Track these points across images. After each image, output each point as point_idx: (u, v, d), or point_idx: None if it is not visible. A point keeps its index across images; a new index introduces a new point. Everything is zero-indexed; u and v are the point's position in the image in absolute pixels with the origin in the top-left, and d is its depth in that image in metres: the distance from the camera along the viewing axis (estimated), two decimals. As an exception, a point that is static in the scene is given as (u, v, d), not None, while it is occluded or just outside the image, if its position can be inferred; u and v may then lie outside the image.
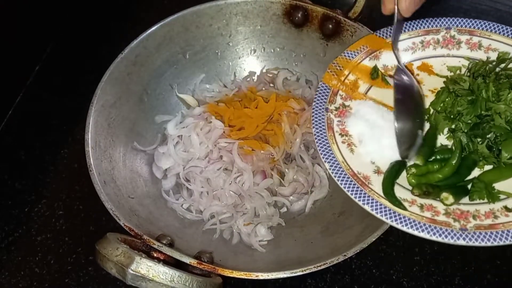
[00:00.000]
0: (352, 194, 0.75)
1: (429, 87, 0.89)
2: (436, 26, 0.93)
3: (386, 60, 0.92)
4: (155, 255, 0.78)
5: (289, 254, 0.93)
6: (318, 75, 1.12)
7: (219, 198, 1.00)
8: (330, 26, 1.03)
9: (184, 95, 1.12)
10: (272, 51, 1.15)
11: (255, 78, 1.16)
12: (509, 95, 0.79)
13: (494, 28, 0.90)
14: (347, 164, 0.79)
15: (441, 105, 0.85)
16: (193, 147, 1.03)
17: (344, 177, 0.77)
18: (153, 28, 1.03)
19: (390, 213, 0.73)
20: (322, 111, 0.85)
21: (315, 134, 0.82)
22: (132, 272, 0.69)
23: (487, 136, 0.79)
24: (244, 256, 0.94)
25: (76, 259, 1.00)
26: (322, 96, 0.87)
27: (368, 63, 0.91)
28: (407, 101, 0.83)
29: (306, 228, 0.98)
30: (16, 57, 1.20)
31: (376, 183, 0.77)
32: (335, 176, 0.77)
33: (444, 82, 0.88)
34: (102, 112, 0.96)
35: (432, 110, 0.86)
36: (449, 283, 0.95)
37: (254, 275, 0.78)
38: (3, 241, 1.02)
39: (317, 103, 0.86)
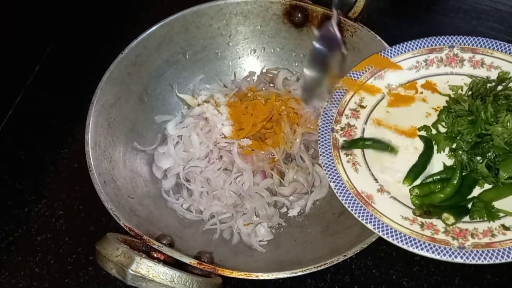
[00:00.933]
0: (355, 213, 0.78)
1: (432, 105, 0.91)
2: (440, 44, 0.94)
3: (390, 79, 0.93)
4: (155, 255, 0.78)
5: (289, 254, 0.93)
6: (319, 75, 1.12)
7: (219, 198, 1.00)
8: (330, 26, 1.03)
9: (184, 95, 1.12)
10: (272, 51, 1.15)
11: (255, 78, 1.16)
12: (506, 117, 0.80)
13: (496, 46, 0.91)
14: (351, 183, 0.81)
15: (442, 124, 0.87)
16: (193, 147, 1.03)
17: (348, 197, 0.80)
18: (153, 28, 1.03)
19: (391, 232, 0.75)
20: (328, 132, 0.87)
21: (321, 154, 0.85)
22: (132, 272, 0.69)
23: (487, 155, 0.81)
24: (244, 256, 0.94)
25: (76, 259, 1.00)
26: (328, 116, 0.89)
27: (373, 82, 0.93)
28: (324, 54, 0.86)
29: (306, 228, 0.98)
30: (16, 57, 1.20)
31: (379, 202, 0.80)
32: (339, 196, 0.80)
33: (446, 101, 0.90)
34: (102, 112, 0.96)
35: (433, 130, 0.88)
36: (449, 283, 0.95)
37: (254, 275, 0.78)
38: (3, 241, 1.02)
39: (323, 123, 0.89)
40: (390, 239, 0.75)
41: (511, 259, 0.70)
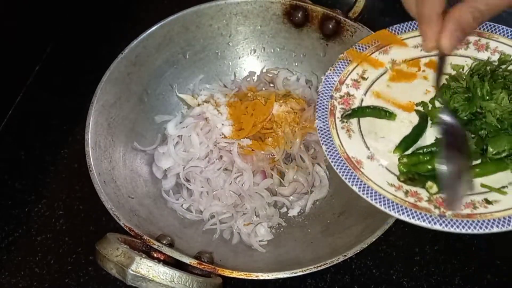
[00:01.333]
0: (343, 175, 0.78)
1: (433, 83, 0.90)
2: None
3: (395, 55, 0.93)
4: (155, 255, 0.78)
5: (289, 254, 0.93)
6: (318, 75, 1.12)
7: (219, 198, 1.00)
8: (330, 26, 1.03)
9: (184, 95, 1.12)
10: (272, 51, 1.15)
11: (255, 78, 1.16)
12: (501, 94, 0.80)
13: (503, 31, 0.90)
14: (343, 148, 0.82)
15: (439, 100, 0.86)
16: (193, 147, 1.03)
17: (337, 160, 0.80)
18: (153, 28, 1.03)
19: (375, 195, 0.75)
20: (327, 98, 0.88)
21: (317, 118, 0.85)
22: (132, 272, 0.69)
23: (480, 133, 0.81)
24: (244, 256, 0.94)
25: (76, 259, 1.00)
26: (329, 83, 0.90)
27: (377, 56, 0.93)
28: (454, 144, 0.78)
29: (306, 228, 0.98)
30: (16, 57, 1.20)
31: (367, 168, 0.80)
32: (329, 158, 0.80)
33: (446, 79, 0.89)
34: (102, 112, 0.96)
35: (429, 105, 0.88)
36: (449, 283, 0.95)
37: (254, 275, 0.78)
38: (3, 241, 1.02)
39: (323, 90, 0.89)
40: (373, 202, 0.75)
41: (488, 230, 0.71)
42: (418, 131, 0.85)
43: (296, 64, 1.14)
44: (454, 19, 0.72)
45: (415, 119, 0.87)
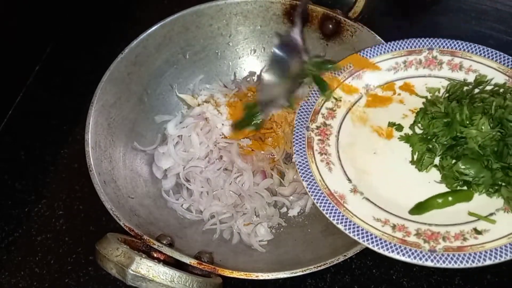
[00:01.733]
0: (327, 213, 0.77)
1: (410, 107, 0.91)
2: (419, 46, 0.94)
3: (369, 79, 0.93)
4: (155, 255, 0.78)
5: (289, 254, 0.93)
6: (318, 75, 1.12)
7: (219, 198, 1.00)
8: (330, 26, 1.03)
9: (184, 95, 1.12)
10: (272, 51, 1.14)
11: (255, 78, 1.16)
12: (481, 120, 0.80)
13: (475, 50, 0.91)
14: (324, 183, 0.81)
15: (418, 126, 0.87)
16: (193, 147, 1.03)
17: (320, 196, 0.79)
18: (153, 28, 1.03)
19: (363, 233, 0.75)
20: (303, 130, 0.87)
21: (295, 152, 0.84)
22: (132, 272, 0.69)
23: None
24: (244, 256, 0.94)
25: (76, 259, 1.00)
26: (304, 114, 0.89)
27: (351, 82, 0.93)
28: (284, 61, 0.86)
29: (306, 228, 0.98)
30: (16, 57, 1.20)
31: (351, 203, 0.79)
32: (311, 195, 0.80)
33: (423, 103, 0.90)
34: (102, 112, 0.96)
35: (409, 131, 0.88)
36: (449, 283, 0.95)
37: (254, 275, 0.78)
38: (3, 241, 1.02)
39: (299, 122, 0.88)
40: (360, 240, 0.74)
41: (481, 263, 0.70)
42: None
43: (296, 64, 1.14)
44: None
45: (395, 146, 0.87)
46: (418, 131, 0.88)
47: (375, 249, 0.73)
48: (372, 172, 0.84)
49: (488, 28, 1.24)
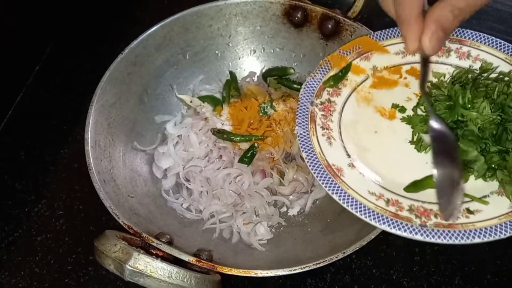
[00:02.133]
0: (323, 183, 0.77)
1: (415, 91, 0.90)
2: None
3: (376, 61, 0.93)
4: (154, 252, 0.78)
5: (288, 253, 0.93)
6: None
7: (218, 198, 1.00)
8: (330, 26, 1.03)
9: (184, 96, 1.12)
10: (272, 51, 1.15)
11: (255, 78, 1.16)
12: (482, 103, 0.79)
13: (484, 39, 0.90)
14: (323, 155, 0.81)
15: (421, 108, 0.87)
16: (193, 146, 1.03)
17: (318, 167, 0.79)
18: (153, 29, 1.03)
19: (356, 204, 0.75)
20: (307, 104, 0.87)
21: (297, 124, 0.84)
22: (130, 268, 0.69)
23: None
24: (243, 255, 0.94)
25: (76, 259, 1.00)
26: (310, 89, 0.89)
27: (359, 62, 0.92)
28: (446, 150, 0.78)
29: (306, 227, 0.98)
30: (16, 57, 1.20)
31: (348, 176, 0.79)
32: (309, 165, 0.79)
33: (428, 87, 0.89)
34: (102, 111, 0.96)
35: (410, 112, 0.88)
36: (449, 283, 0.95)
37: (253, 273, 0.78)
38: (3, 241, 1.02)
39: (304, 96, 0.88)
40: (354, 211, 0.74)
41: (470, 241, 0.70)
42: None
43: (296, 64, 1.14)
44: (434, 18, 0.70)
45: (397, 127, 0.87)
46: (419, 113, 0.87)
47: (367, 220, 0.73)
48: (372, 149, 0.84)
49: (488, 28, 1.24)
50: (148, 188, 1.01)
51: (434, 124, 0.77)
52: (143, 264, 0.70)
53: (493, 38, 0.90)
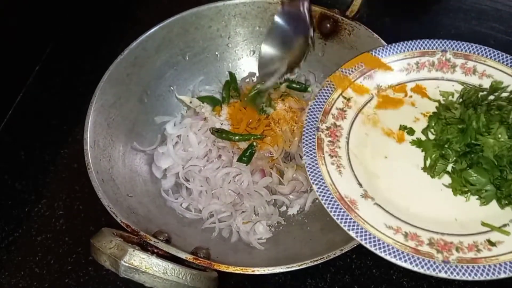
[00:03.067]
0: (338, 218, 0.75)
1: (421, 110, 0.89)
2: (432, 48, 0.93)
3: (380, 79, 0.92)
4: (151, 250, 0.78)
5: (287, 252, 0.93)
6: (316, 74, 1.12)
7: (218, 197, 1.00)
8: (328, 25, 1.03)
9: (184, 96, 1.12)
10: (272, 51, 1.15)
11: (254, 79, 1.16)
12: (498, 129, 0.78)
13: (490, 54, 0.89)
14: (335, 186, 0.78)
15: (431, 130, 0.85)
16: (192, 146, 1.03)
17: (331, 201, 0.77)
18: (152, 30, 1.04)
19: (375, 241, 0.73)
20: (313, 131, 0.85)
21: (304, 154, 0.82)
22: (125, 264, 0.69)
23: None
24: (242, 254, 0.94)
25: (76, 259, 1.00)
26: (314, 114, 0.87)
27: (362, 82, 0.91)
28: (287, 33, 0.81)
29: (305, 226, 0.98)
30: (16, 57, 1.21)
31: (362, 208, 0.77)
32: (322, 199, 0.77)
33: (436, 107, 0.88)
34: (101, 111, 0.96)
35: (422, 136, 0.87)
36: (449, 283, 0.94)
37: (250, 270, 0.78)
38: (3, 241, 1.02)
39: (309, 122, 0.86)
40: (373, 249, 0.72)
41: (496, 277, 0.69)
42: None
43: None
44: None
45: (406, 150, 0.85)
46: (430, 136, 0.86)
47: (388, 258, 0.71)
48: (383, 177, 0.82)
49: (488, 28, 1.24)
50: (148, 187, 1.01)
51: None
52: (138, 260, 0.70)
53: (499, 52, 0.89)
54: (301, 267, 0.77)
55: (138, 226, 0.82)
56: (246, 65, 1.17)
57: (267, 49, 0.81)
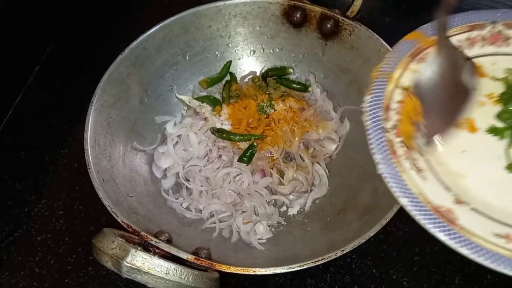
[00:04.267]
0: (441, 235, 0.63)
1: (484, 92, 0.77)
2: (480, 20, 0.80)
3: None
4: (152, 250, 0.78)
5: (287, 252, 0.93)
6: (316, 74, 1.12)
7: (218, 197, 1.00)
8: (329, 25, 1.03)
9: (184, 96, 1.12)
10: (272, 51, 1.15)
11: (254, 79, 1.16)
12: None
13: None
14: (425, 196, 0.65)
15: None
16: (192, 146, 1.03)
17: (427, 214, 0.64)
18: (153, 30, 1.03)
19: (491, 256, 0.61)
20: (379, 133, 0.70)
21: (379, 162, 0.67)
22: (127, 264, 0.69)
23: None
24: (243, 254, 0.94)
25: (76, 259, 1.00)
26: (374, 114, 0.72)
27: (416, 66, 0.77)
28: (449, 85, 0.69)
29: (305, 226, 0.98)
30: (16, 57, 1.21)
31: (463, 218, 0.64)
32: (415, 214, 0.64)
33: (508, 87, 0.76)
34: (101, 111, 0.96)
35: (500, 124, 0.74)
36: (449, 283, 0.95)
37: (251, 271, 0.78)
38: (3, 241, 1.02)
39: (372, 122, 0.71)
40: (491, 265, 0.60)
41: None
42: None
43: (295, 64, 1.14)
44: None
45: (483, 141, 0.73)
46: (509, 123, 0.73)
47: (510, 273, 0.60)
48: (468, 175, 0.70)
49: (488, 28, 1.24)
50: (148, 187, 1.01)
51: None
52: (140, 260, 0.69)
53: None
54: (302, 267, 0.78)
55: (139, 226, 0.82)
56: (246, 65, 1.16)
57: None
